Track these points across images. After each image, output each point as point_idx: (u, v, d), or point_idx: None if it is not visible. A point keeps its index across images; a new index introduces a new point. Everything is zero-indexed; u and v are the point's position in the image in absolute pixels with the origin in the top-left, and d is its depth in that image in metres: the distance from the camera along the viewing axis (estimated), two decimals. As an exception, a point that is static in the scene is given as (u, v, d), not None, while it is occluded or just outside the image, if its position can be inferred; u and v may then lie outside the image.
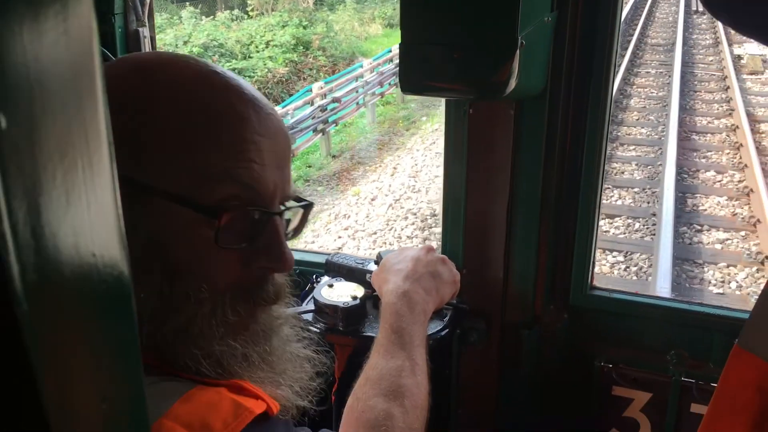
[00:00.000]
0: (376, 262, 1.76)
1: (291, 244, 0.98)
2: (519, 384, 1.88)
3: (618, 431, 1.80)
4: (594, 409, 1.82)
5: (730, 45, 17.43)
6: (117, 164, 0.85)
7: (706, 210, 8.40)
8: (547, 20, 1.48)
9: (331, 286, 1.74)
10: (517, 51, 1.22)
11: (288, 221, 1.01)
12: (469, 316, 1.79)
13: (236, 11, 24.78)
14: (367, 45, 23.95)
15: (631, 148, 10.89)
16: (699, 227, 7.95)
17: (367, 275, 1.70)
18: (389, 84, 17.43)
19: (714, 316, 1.68)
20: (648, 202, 8.73)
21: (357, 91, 16.24)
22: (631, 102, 13.47)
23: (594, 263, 1.83)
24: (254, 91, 0.92)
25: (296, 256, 2.02)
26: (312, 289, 1.82)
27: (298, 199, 0.99)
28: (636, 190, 9.13)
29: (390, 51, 18.90)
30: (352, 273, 1.80)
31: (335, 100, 15.16)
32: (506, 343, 1.85)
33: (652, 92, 14.09)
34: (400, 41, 1.28)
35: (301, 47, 21.05)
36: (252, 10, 25.25)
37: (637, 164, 10.11)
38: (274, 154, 0.91)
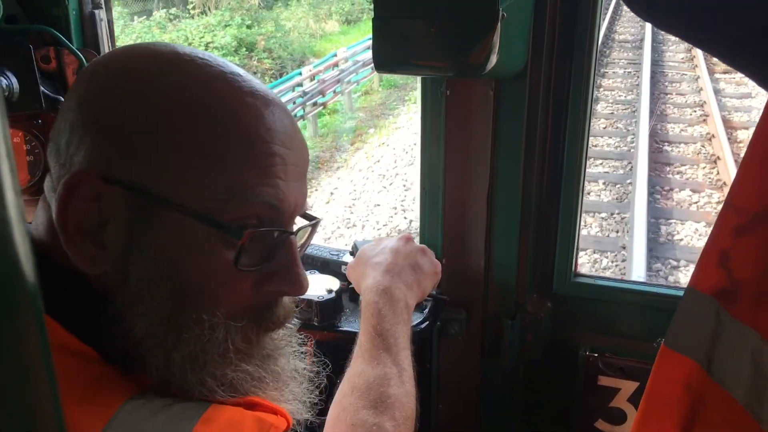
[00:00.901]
0: (352, 253, 1.68)
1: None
2: (502, 375, 1.82)
3: (605, 422, 1.74)
4: (579, 399, 1.76)
5: None
6: (122, 170, 0.74)
7: (682, 240, 7.39)
8: (527, -6, 1.40)
9: (304, 279, 1.65)
10: (498, 24, 1.14)
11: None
12: (449, 306, 1.72)
13: (174, 10, 22.83)
14: (321, 44, 22.58)
15: (598, 162, 9.73)
16: (675, 263, 6.95)
17: (343, 267, 1.62)
18: (333, 92, 16.10)
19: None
20: (617, 231, 7.76)
21: (294, 102, 14.56)
22: (598, 108, 12.18)
23: (578, 249, 1.76)
24: (276, 98, 0.83)
25: (267, 248, 1.95)
26: (285, 282, 1.74)
27: (307, 216, 0.91)
28: (603, 215, 8.12)
29: (335, 55, 17.44)
30: (327, 265, 1.72)
31: None
32: (488, 334, 1.78)
33: (620, 95, 12.97)
34: (372, 16, 1.19)
35: (245, 49, 19.32)
36: (193, 8, 23.28)
37: (605, 183, 9.06)
38: (297, 167, 0.82)
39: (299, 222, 0.89)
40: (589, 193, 8.61)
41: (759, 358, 0.98)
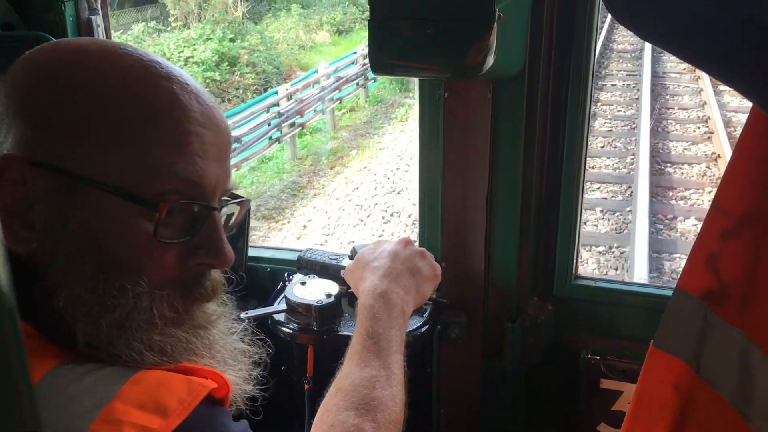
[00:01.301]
0: (351, 257, 1.67)
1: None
2: (503, 379, 1.80)
3: (607, 426, 1.73)
4: (582, 403, 1.74)
5: None
6: (45, 153, 0.79)
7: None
8: (524, -6, 1.39)
9: (303, 283, 1.65)
10: (495, 24, 1.13)
11: (230, 216, 0.99)
12: (449, 310, 1.71)
13: (153, 24, 22.10)
14: (310, 56, 21.65)
15: (596, 187, 8.96)
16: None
17: (342, 271, 1.61)
18: (314, 111, 15.30)
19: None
20: (616, 269, 7.17)
21: (269, 124, 13.90)
22: (595, 124, 11.45)
23: (578, 251, 1.75)
24: (196, 83, 0.89)
25: (267, 254, 1.94)
26: (284, 287, 1.73)
27: (234, 196, 0.97)
28: (601, 249, 7.55)
29: (316, 71, 16.71)
30: (326, 269, 1.71)
31: (235, 139, 12.13)
32: (489, 338, 1.77)
33: (619, 110, 12.21)
34: (369, 18, 1.18)
35: (226, 64, 18.49)
36: (175, 20, 22.58)
37: (602, 211, 8.32)
38: (217, 147, 0.87)
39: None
40: (585, 223, 7.96)
41: (746, 359, 0.98)
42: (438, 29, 1.13)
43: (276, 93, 15.16)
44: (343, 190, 11.73)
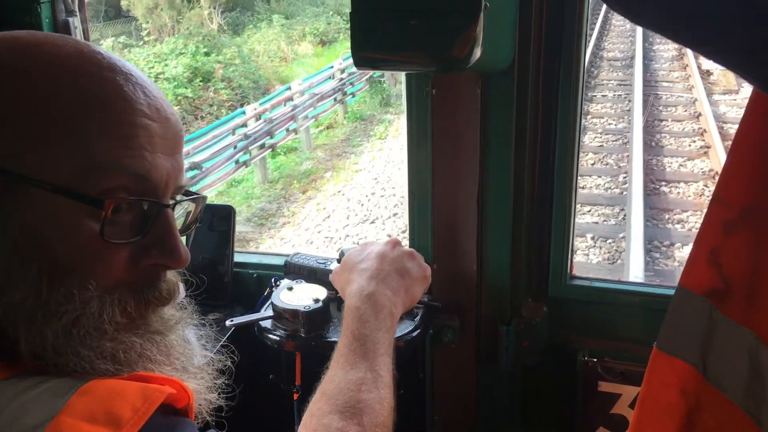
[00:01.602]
0: (339, 261, 1.62)
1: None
2: (499, 383, 1.76)
3: (606, 429, 1.68)
4: (579, 406, 1.70)
5: (696, 57, 14.21)
6: None
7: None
8: (511, -14, 1.35)
9: (290, 289, 1.60)
10: (481, 15, 1.08)
11: (188, 214, 0.93)
12: (441, 313, 1.66)
13: (123, 38, 21.07)
14: (291, 69, 20.69)
15: (586, 210, 8.38)
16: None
17: (330, 276, 1.56)
18: (286, 130, 14.51)
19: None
20: None
21: (236, 147, 13.14)
22: (585, 139, 10.79)
23: (573, 250, 1.71)
24: (142, 74, 0.83)
25: (253, 259, 1.89)
26: (271, 293, 1.68)
27: (188, 193, 0.91)
28: None
29: (288, 88, 15.93)
30: (314, 274, 1.66)
31: (194, 165, 11.61)
32: (483, 341, 1.72)
33: (610, 123, 11.59)
34: (350, 10, 1.14)
35: (200, 79, 17.46)
36: (148, 35, 21.56)
37: (593, 238, 7.76)
38: (166, 140, 0.81)
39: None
40: (576, 252, 7.13)
41: (756, 359, 0.93)
42: (422, 21, 1.09)
43: (243, 113, 14.40)
44: (314, 218, 11.05)
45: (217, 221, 1.81)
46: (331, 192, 12.08)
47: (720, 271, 0.96)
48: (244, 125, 13.83)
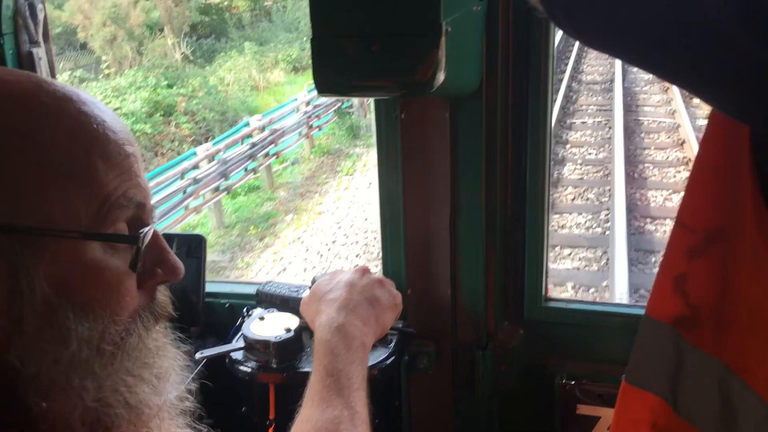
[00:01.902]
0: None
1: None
2: (476, 409, 1.73)
3: (586, 453, 1.66)
4: (559, 430, 1.67)
5: None
6: None
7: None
8: (476, 9, 1.35)
9: (262, 318, 1.57)
10: (442, 39, 1.07)
11: None
12: (416, 339, 1.63)
13: (81, 72, 20.01)
14: (261, 98, 19.72)
15: (566, 253, 7.83)
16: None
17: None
18: (245, 169, 13.81)
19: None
20: None
21: (185, 191, 12.21)
22: (565, 171, 10.26)
23: (547, 272, 1.69)
24: (101, 103, 0.82)
25: (225, 288, 1.86)
26: (243, 323, 1.65)
27: None
28: None
29: (247, 124, 15.08)
30: (286, 303, 1.63)
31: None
32: (459, 366, 1.69)
33: (590, 153, 10.97)
34: (311, 36, 1.12)
35: (160, 114, 16.46)
36: (107, 67, 20.39)
37: (574, 287, 7.25)
38: (143, 163, 0.81)
39: None
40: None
41: (726, 389, 0.89)
42: (383, 46, 1.08)
43: (195, 154, 13.47)
44: (270, 271, 10.30)
45: (188, 251, 1.78)
46: (290, 239, 11.36)
47: (686, 299, 0.93)
48: (196, 167, 12.94)
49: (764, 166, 0.76)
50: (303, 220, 12.14)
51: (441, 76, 1.11)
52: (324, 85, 1.14)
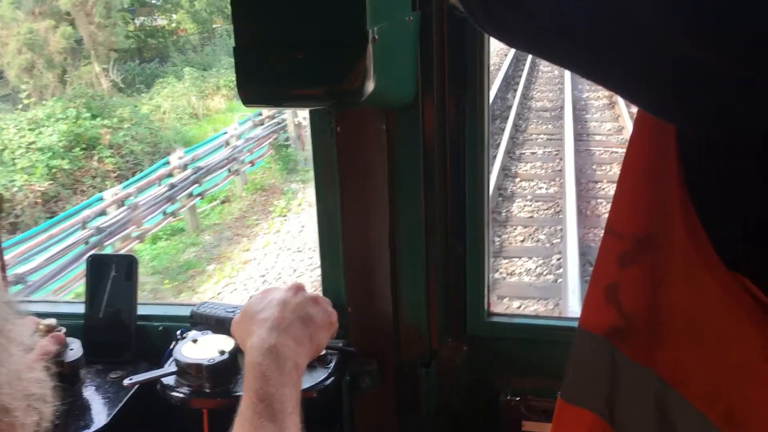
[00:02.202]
0: (248, 309, 1.54)
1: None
2: (421, 428, 1.68)
3: (533, 470, 1.63)
4: (505, 447, 1.64)
5: (627, 105, 13.28)
6: None
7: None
8: (408, 19, 1.32)
9: (195, 341, 1.50)
10: (369, 46, 1.04)
11: None
12: (358, 358, 1.59)
13: None
14: (200, 127, 18.33)
15: (516, 305, 7.12)
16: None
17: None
18: (163, 213, 12.35)
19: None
20: None
21: (87, 242, 10.81)
22: (513, 208, 9.46)
23: (489, 286, 1.67)
24: None
25: (158, 311, 1.79)
26: (176, 347, 1.58)
27: None
28: None
29: (167, 162, 13.55)
30: (222, 324, 1.57)
31: (18, 279, 8.83)
32: (403, 385, 1.65)
33: (540, 187, 10.24)
34: (234, 45, 1.08)
35: (81, 148, 14.76)
36: (27, 97, 18.36)
37: None
38: None
39: None
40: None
41: (662, 403, 0.86)
42: (309, 54, 1.04)
43: (102, 199, 11.93)
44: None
45: (118, 273, 1.71)
46: (209, 294, 10.00)
47: (619, 308, 0.89)
48: (103, 213, 11.46)
49: (691, 167, 0.73)
50: (227, 270, 10.55)
51: (370, 85, 1.08)
52: (249, 97, 1.10)
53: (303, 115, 13.10)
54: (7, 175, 13.05)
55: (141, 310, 1.74)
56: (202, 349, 1.47)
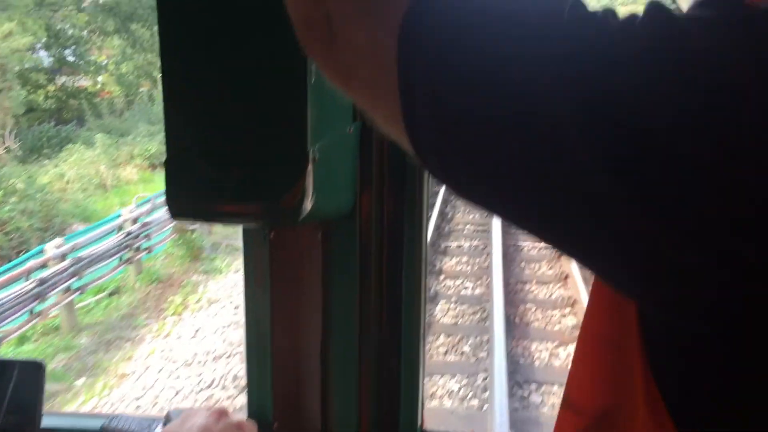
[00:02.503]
0: (165, 424, 1.43)
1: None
2: None
3: None
4: None
5: None
6: None
7: None
8: (349, 131, 1.29)
9: (105, 463, 1.37)
10: (309, 167, 1.00)
11: None
12: (283, 479, 1.48)
13: None
14: (106, 200, 16.58)
15: None
16: None
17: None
18: (30, 312, 10.04)
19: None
20: None
21: None
22: (437, 311, 8.39)
23: (423, 399, 1.60)
24: None
25: (65, 422, 1.63)
26: (83, 465, 1.44)
27: None
28: None
29: (41, 251, 11.15)
30: (135, 440, 1.44)
31: None
32: (331, 508, 1.54)
33: (466, 287, 9.17)
34: (165, 157, 1.02)
35: None
36: None
37: None
38: None
39: None
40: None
41: None
42: (244, 171, 0.99)
43: None
44: None
45: (21, 380, 1.56)
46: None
47: None
48: None
49: (653, 340, 0.68)
50: (99, 384, 8.61)
51: (308, 205, 1.03)
52: (178, 210, 1.03)
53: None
54: None
55: (46, 422, 1.58)
56: (110, 472, 1.34)
